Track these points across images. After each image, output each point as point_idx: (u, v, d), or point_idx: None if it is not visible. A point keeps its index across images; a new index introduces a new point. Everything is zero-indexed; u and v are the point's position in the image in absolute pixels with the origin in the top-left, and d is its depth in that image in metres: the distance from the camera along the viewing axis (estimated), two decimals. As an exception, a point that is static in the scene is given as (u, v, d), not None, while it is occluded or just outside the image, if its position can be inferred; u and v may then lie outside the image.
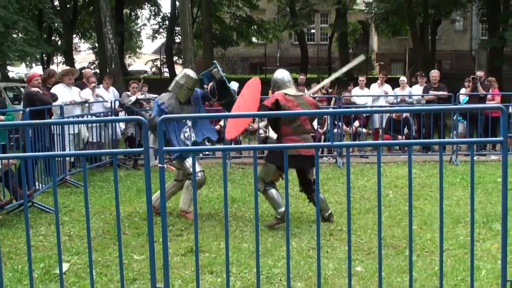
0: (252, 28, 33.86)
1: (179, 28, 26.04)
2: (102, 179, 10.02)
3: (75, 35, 35.59)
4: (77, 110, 10.51)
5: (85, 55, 45.39)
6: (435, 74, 13.44)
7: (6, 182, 7.39)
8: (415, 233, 6.08)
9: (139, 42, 48.35)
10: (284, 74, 7.07)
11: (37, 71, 10.98)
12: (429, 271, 5.01)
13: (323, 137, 12.63)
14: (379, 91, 13.82)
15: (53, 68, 34.79)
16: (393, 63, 38.41)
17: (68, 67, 12.54)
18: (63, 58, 34.18)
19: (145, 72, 40.40)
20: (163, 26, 37.11)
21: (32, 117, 8.43)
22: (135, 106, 11.79)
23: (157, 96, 13.40)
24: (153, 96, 13.29)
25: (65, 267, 5.18)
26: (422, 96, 13.30)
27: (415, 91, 13.74)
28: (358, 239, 6.08)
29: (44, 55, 29.99)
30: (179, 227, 6.74)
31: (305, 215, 7.23)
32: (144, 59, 45.82)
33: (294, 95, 6.77)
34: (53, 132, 9.39)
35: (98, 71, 28.16)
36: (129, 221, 7.05)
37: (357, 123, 13.20)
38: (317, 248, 4.16)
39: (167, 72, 33.29)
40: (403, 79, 14.41)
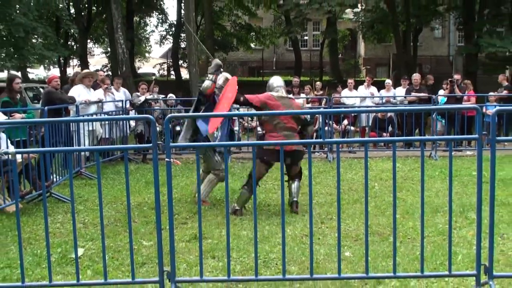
0: (250, 34, 33.82)
1: (184, 34, 25.98)
2: (114, 172, 10.00)
3: (89, 40, 35.39)
4: (92, 108, 10.49)
5: (98, 58, 45.22)
6: (416, 77, 13.42)
7: (26, 174, 7.36)
8: (398, 222, 6.08)
9: (147, 47, 48.16)
10: (274, 80, 7.21)
11: (55, 73, 11.04)
12: (411, 256, 5.01)
13: (315, 134, 12.62)
14: (366, 93, 13.81)
15: (69, 70, 34.83)
16: (379, 67, 38.35)
17: (87, 70, 12.51)
18: (79, 61, 34.04)
19: (153, 74, 40.26)
20: (170, 32, 37.00)
21: (49, 115, 8.44)
22: (144, 105, 11.78)
23: (164, 96, 13.45)
24: (162, 96, 13.29)
25: (80, 252, 5.16)
26: (404, 97, 13.29)
27: (399, 93, 13.73)
28: (347, 227, 6.07)
29: (61, 59, 29.84)
30: (184, 216, 6.73)
31: (299, 205, 7.21)
32: (152, 63, 45.68)
33: (278, 96, 6.88)
34: (71, 128, 9.39)
35: (110, 73, 28.08)
36: (138, 210, 7.03)
37: (346, 122, 13.22)
38: (310, 235, 4.16)
39: (173, 74, 33.20)
40: (388, 81, 14.41)
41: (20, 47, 20.22)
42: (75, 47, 33.46)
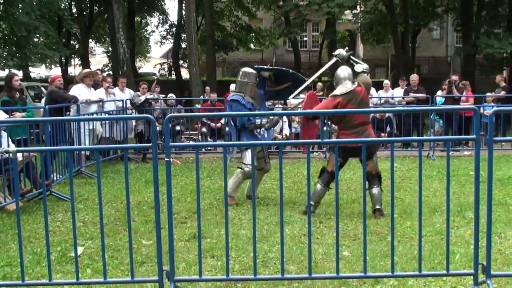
0: (250, 35, 33.79)
1: (185, 34, 25.99)
2: (114, 171, 9.97)
3: (90, 40, 35.37)
4: (93, 108, 10.47)
5: (100, 58, 45.17)
6: (414, 78, 13.40)
7: (27, 172, 7.34)
8: (396, 221, 6.05)
9: (148, 47, 48.11)
10: (341, 71, 6.78)
11: (57, 72, 11.09)
12: (409, 255, 4.99)
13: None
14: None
15: (71, 69, 34.76)
16: (377, 68, 38.31)
17: (88, 69, 12.51)
18: (80, 60, 34.04)
19: (154, 74, 40.24)
20: (171, 32, 36.98)
21: (51, 114, 8.42)
22: (145, 105, 11.77)
23: (165, 96, 13.43)
24: (162, 96, 13.27)
25: (80, 250, 5.14)
26: (403, 98, 13.27)
27: (397, 93, 13.71)
28: (345, 227, 6.05)
29: (62, 58, 29.82)
30: (184, 215, 6.71)
31: (297, 205, 7.21)
32: (153, 63, 45.63)
33: (342, 93, 6.55)
34: (72, 127, 9.37)
35: (111, 72, 28.07)
36: (138, 209, 7.01)
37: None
38: (308, 234, 4.14)
39: (174, 74, 33.18)
40: (386, 82, 14.39)
41: (22, 46, 20.22)
42: (76, 47, 33.45)
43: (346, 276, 4.33)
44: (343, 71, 6.77)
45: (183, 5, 25.23)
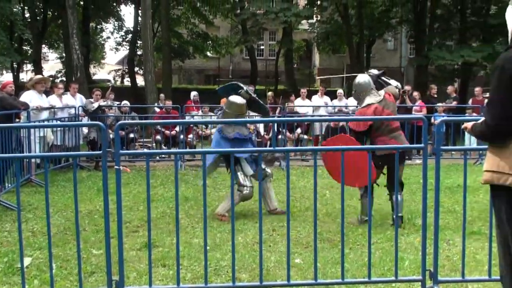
0: (207, 43, 33.73)
1: (140, 41, 25.76)
2: (65, 179, 9.76)
3: (44, 45, 34.63)
4: (44, 114, 10.26)
5: (53, 64, 44.25)
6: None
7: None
8: (348, 228, 6.15)
9: (103, 53, 47.45)
10: (363, 80, 6.76)
11: (8, 78, 10.82)
12: (359, 262, 5.06)
13: (268, 142, 12.66)
14: (319, 102, 13.96)
15: (23, 75, 33.98)
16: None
17: (40, 76, 12.24)
18: (32, 66, 33.28)
19: (109, 81, 39.71)
20: (126, 39, 36.57)
21: (0, 121, 8.21)
22: (98, 112, 11.60)
23: (119, 103, 13.27)
24: (116, 103, 13.10)
25: (27, 261, 5.01)
26: (356, 107, 13.46)
27: (351, 103, 13.93)
28: (298, 234, 6.11)
29: (14, 63, 29.09)
30: (136, 224, 6.63)
31: (250, 212, 7.23)
32: (107, 69, 45.07)
33: (377, 101, 6.58)
34: (21, 135, 9.14)
35: (64, 79, 27.53)
36: (89, 218, 6.90)
37: (299, 130, 13.31)
38: (260, 242, 4.17)
39: (129, 81, 32.82)
40: (340, 91, 14.63)
41: (-29, 52, 19.65)
42: (29, 52, 32.71)
43: (297, 283, 4.37)
44: (366, 81, 6.74)
45: (140, 11, 25.03)
